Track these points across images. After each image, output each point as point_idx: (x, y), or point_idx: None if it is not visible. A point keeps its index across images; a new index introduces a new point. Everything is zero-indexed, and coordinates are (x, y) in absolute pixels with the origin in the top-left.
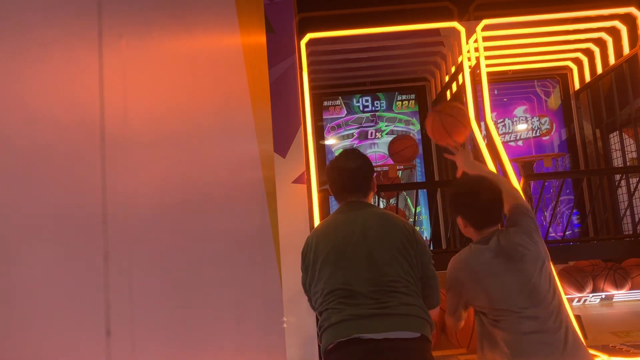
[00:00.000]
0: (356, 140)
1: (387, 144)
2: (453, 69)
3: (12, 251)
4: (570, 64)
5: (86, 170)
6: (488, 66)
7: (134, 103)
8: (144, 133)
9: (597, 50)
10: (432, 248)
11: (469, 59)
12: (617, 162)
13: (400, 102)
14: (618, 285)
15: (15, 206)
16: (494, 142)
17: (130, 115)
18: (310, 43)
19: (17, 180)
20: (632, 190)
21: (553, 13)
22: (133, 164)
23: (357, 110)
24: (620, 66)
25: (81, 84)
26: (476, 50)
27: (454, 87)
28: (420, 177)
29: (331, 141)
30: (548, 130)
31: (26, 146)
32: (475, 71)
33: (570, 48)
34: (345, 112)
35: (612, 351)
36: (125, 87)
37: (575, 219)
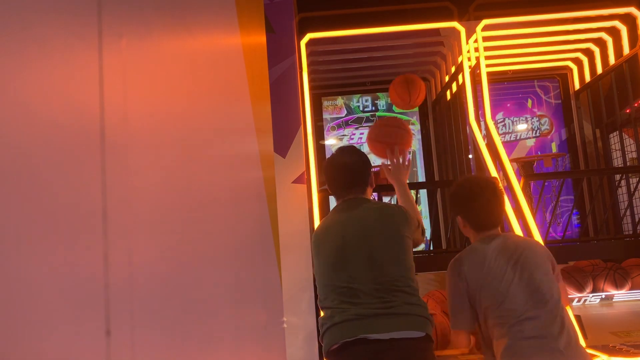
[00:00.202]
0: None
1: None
2: (453, 69)
3: (12, 251)
4: (570, 64)
5: (86, 170)
6: (488, 66)
7: (134, 103)
8: (144, 133)
9: (597, 50)
10: (432, 248)
11: (469, 59)
12: (617, 162)
13: None
14: (618, 285)
15: (15, 206)
16: (494, 142)
17: (130, 115)
18: (310, 43)
19: (17, 180)
20: (632, 190)
21: (553, 13)
22: (133, 164)
23: (357, 110)
24: (620, 66)
25: (81, 84)
26: (476, 50)
27: (454, 87)
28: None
29: (331, 141)
30: (548, 130)
31: (26, 146)
32: (475, 71)
33: (570, 48)
34: (345, 112)
35: (612, 351)
36: (125, 87)
37: (575, 219)
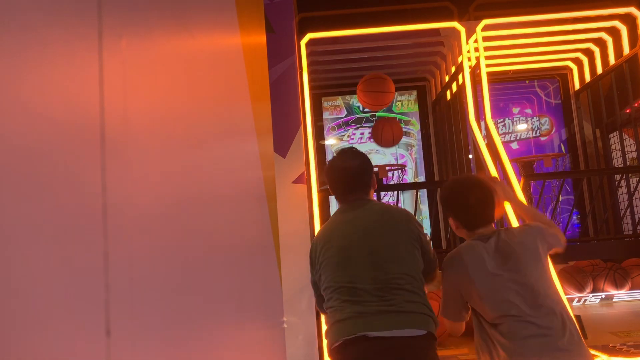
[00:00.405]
0: (355, 138)
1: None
2: (453, 69)
3: (12, 251)
4: (570, 64)
5: (86, 170)
6: (488, 66)
7: (134, 103)
8: (144, 133)
9: (597, 50)
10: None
11: (469, 59)
12: (617, 162)
13: (400, 102)
14: (618, 285)
15: (15, 206)
16: (494, 142)
17: (130, 115)
18: (310, 43)
19: (17, 180)
20: (632, 190)
21: (553, 13)
22: (133, 164)
23: (357, 110)
24: (620, 66)
25: (81, 84)
26: (476, 50)
27: (454, 87)
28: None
29: (331, 141)
30: (548, 130)
31: (26, 146)
32: (475, 71)
33: (570, 48)
34: (345, 112)
35: (612, 351)
36: (125, 87)
37: (575, 219)
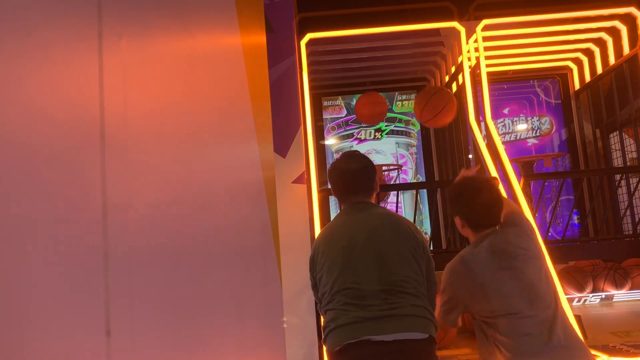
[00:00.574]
0: (355, 140)
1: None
2: (453, 69)
3: (12, 251)
4: (570, 64)
5: (86, 170)
6: (488, 66)
7: (134, 103)
8: (144, 133)
9: (597, 50)
10: (432, 248)
11: (469, 59)
12: (617, 162)
13: (400, 102)
14: (618, 285)
15: (15, 206)
16: (494, 142)
17: (130, 115)
18: (310, 43)
19: (17, 180)
20: (632, 190)
21: (553, 13)
22: (133, 164)
23: None
24: (620, 66)
25: (81, 84)
26: (476, 50)
27: (454, 87)
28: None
29: (331, 141)
30: (548, 130)
31: (26, 146)
32: (475, 71)
33: (570, 48)
34: (345, 112)
35: (612, 351)
36: (125, 87)
37: (575, 219)
